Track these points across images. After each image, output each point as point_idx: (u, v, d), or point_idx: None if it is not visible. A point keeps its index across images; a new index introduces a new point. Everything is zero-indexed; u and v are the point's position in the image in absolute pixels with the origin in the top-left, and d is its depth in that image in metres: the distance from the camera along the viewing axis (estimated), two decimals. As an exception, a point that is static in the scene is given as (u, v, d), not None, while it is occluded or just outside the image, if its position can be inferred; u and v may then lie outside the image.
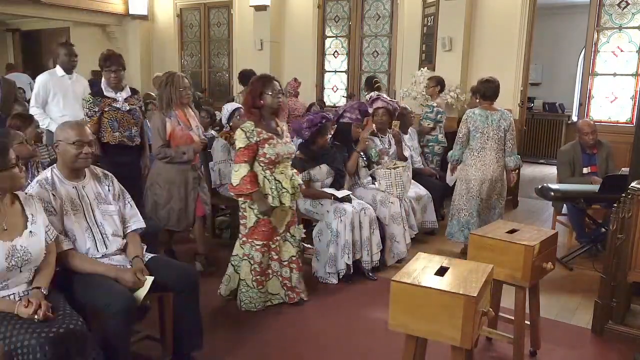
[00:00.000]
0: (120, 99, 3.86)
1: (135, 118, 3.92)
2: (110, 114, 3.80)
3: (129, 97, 3.92)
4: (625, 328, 3.04)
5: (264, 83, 3.20)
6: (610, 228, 3.01)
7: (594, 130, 4.49)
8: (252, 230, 3.25)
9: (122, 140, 3.86)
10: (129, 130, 3.88)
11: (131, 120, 3.90)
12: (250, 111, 3.23)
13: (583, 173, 4.53)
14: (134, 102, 3.96)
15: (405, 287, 1.97)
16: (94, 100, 3.78)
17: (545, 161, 9.38)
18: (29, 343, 1.86)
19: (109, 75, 3.78)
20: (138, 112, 3.97)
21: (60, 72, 4.56)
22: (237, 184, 3.15)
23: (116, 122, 3.82)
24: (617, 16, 5.84)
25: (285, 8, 7.93)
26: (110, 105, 3.81)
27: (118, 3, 9.14)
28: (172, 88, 3.60)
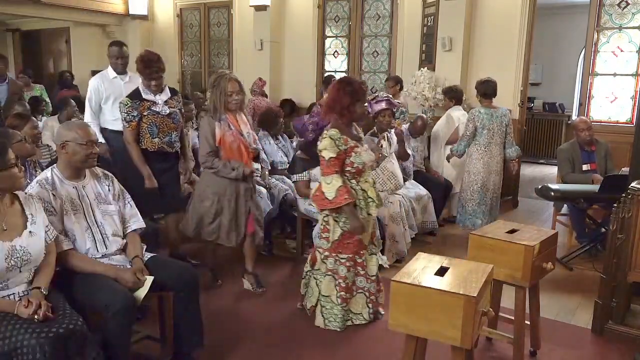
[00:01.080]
0: (160, 102, 3.56)
1: (175, 122, 3.63)
2: (150, 119, 3.51)
3: (168, 100, 3.63)
4: (625, 328, 3.04)
5: (357, 92, 2.94)
6: (610, 228, 3.01)
7: (589, 126, 4.54)
8: (336, 244, 3.03)
9: (161, 147, 3.58)
10: (169, 136, 3.60)
11: (171, 125, 3.60)
12: (336, 118, 2.98)
13: (583, 170, 4.54)
14: (174, 104, 3.66)
15: (405, 287, 1.97)
16: (132, 103, 3.49)
17: (545, 161, 9.38)
18: (28, 343, 1.86)
19: (149, 82, 3.51)
20: (178, 115, 3.68)
21: (112, 73, 4.26)
22: (333, 196, 2.87)
23: (155, 127, 3.52)
24: (617, 16, 5.84)
25: (285, 8, 7.92)
26: (149, 108, 3.52)
27: (118, 3, 9.14)
28: (217, 92, 3.31)
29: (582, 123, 4.60)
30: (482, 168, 4.54)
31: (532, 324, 2.79)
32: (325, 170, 2.94)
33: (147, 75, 3.49)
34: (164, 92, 3.61)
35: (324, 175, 2.95)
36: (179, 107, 3.70)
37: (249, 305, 3.39)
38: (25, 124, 3.39)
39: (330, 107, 2.99)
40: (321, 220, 3.10)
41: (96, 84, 4.19)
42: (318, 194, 3.01)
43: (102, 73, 4.31)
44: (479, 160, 4.55)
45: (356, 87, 2.95)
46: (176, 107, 3.66)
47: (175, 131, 3.64)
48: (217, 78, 3.34)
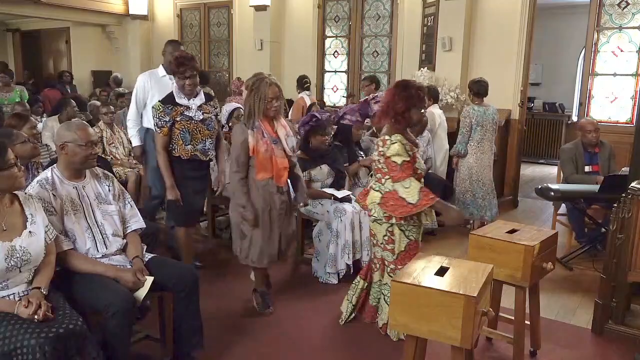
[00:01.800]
0: (194, 107, 3.35)
1: (209, 128, 3.42)
2: (182, 124, 3.31)
3: (202, 105, 3.40)
4: (625, 328, 3.04)
5: (412, 98, 2.78)
6: (610, 228, 3.01)
7: (596, 128, 4.51)
8: (402, 256, 2.85)
9: (194, 154, 3.37)
10: (203, 143, 3.38)
11: (205, 131, 3.39)
12: (396, 122, 2.81)
13: (585, 172, 4.53)
14: (209, 109, 3.44)
15: (405, 287, 1.97)
16: (164, 108, 3.28)
17: (545, 161, 9.38)
18: (28, 343, 1.86)
19: (182, 82, 3.27)
20: (213, 121, 3.47)
21: (162, 72, 4.05)
22: (417, 199, 2.69)
23: (188, 134, 3.32)
24: (617, 16, 5.84)
25: (285, 8, 7.92)
26: (182, 114, 3.31)
27: (118, 3, 9.14)
28: (256, 97, 2.97)
29: (589, 124, 4.56)
30: (475, 163, 4.83)
31: (532, 324, 2.79)
32: (399, 175, 2.74)
33: (180, 74, 3.26)
34: (198, 97, 3.40)
35: (399, 180, 2.74)
36: (214, 112, 3.49)
37: (249, 305, 3.39)
38: (24, 125, 3.38)
39: (384, 112, 2.85)
40: (384, 231, 2.86)
41: (143, 82, 4.05)
42: (393, 202, 2.76)
43: (151, 71, 4.18)
44: (472, 155, 4.84)
45: (412, 93, 2.79)
46: (211, 113, 3.45)
47: (209, 138, 3.43)
48: (255, 82, 2.99)
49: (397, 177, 2.75)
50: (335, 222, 3.72)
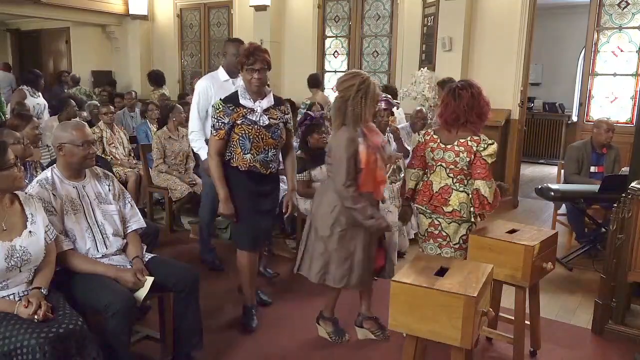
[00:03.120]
0: (259, 110, 2.84)
1: (274, 137, 2.89)
2: (243, 129, 2.81)
3: (270, 108, 2.90)
4: (625, 328, 3.04)
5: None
6: (610, 228, 3.01)
7: (612, 128, 4.52)
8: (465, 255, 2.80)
9: (253, 165, 2.86)
10: (264, 153, 2.87)
11: (269, 140, 2.86)
12: (480, 122, 2.73)
13: (590, 172, 4.53)
14: (277, 115, 2.92)
15: (405, 287, 1.97)
16: (224, 107, 2.80)
17: (545, 161, 9.38)
18: (28, 343, 1.87)
19: (250, 75, 2.78)
20: (280, 129, 2.93)
21: (224, 75, 3.60)
22: (492, 199, 2.66)
23: (248, 141, 2.81)
24: (617, 16, 5.84)
25: (285, 8, 7.92)
26: (244, 116, 2.81)
27: (118, 3, 9.14)
28: (366, 98, 2.61)
29: (605, 124, 4.56)
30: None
31: (532, 324, 2.79)
32: (486, 174, 2.65)
33: (249, 66, 2.75)
34: (266, 99, 2.88)
35: (487, 180, 2.65)
36: (283, 119, 2.96)
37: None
38: (26, 125, 3.38)
39: (466, 114, 2.69)
40: (464, 231, 2.73)
41: (205, 86, 3.55)
42: (479, 202, 2.67)
43: (212, 74, 3.69)
44: None
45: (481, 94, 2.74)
46: (279, 120, 2.93)
47: (273, 148, 2.89)
48: (364, 81, 2.62)
49: (484, 175, 2.65)
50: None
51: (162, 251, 3.90)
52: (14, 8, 8.32)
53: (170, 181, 4.71)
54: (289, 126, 3.02)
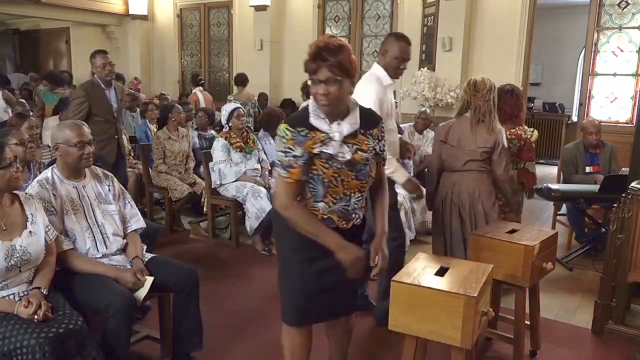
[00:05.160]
0: (337, 137, 1.89)
1: (361, 177, 1.97)
2: (317, 166, 1.91)
3: (359, 133, 1.95)
4: (625, 328, 3.04)
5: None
6: (610, 228, 3.01)
7: (598, 130, 4.51)
8: None
9: (328, 218, 1.98)
10: (345, 200, 1.97)
11: (352, 182, 1.95)
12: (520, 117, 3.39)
13: (585, 172, 4.54)
14: (368, 143, 1.97)
15: (405, 287, 1.97)
16: (294, 133, 1.89)
17: (545, 161, 9.37)
18: (28, 343, 1.86)
19: (314, 89, 1.89)
20: (371, 164, 1.99)
21: (387, 79, 2.90)
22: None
23: (322, 185, 1.94)
24: (617, 16, 5.85)
25: (285, 8, 7.93)
26: (322, 142, 1.89)
27: (118, 3, 9.15)
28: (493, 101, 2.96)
29: (591, 126, 4.55)
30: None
31: (532, 324, 2.79)
32: (531, 155, 3.43)
33: (312, 75, 1.90)
34: (347, 120, 1.92)
35: (530, 160, 3.43)
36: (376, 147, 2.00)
37: (248, 305, 3.39)
38: (22, 124, 3.38)
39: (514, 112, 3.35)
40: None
41: (377, 92, 2.81)
42: (526, 176, 3.41)
43: (377, 77, 2.90)
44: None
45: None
46: (370, 151, 1.97)
47: (359, 192, 1.99)
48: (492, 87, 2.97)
49: (530, 157, 3.39)
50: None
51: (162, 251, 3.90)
52: (14, 8, 8.33)
53: (170, 181, 4.71)
54: (383, 155, 2.06)
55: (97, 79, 4.17)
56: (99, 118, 4.13)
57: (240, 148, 4.41)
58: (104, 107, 4.17)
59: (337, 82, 1.84)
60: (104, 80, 4.17)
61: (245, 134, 4.50)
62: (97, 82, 4.18)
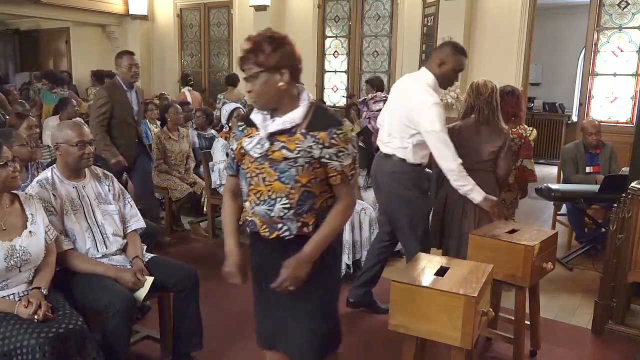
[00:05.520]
0: (262, 133, 1.76)
1: (285, 180, 1.76)
2: (248, 160, 1.83)
3: (295, 131, 1.75)
4: (625, 328, 3.04)
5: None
6: (610, 228, 3.01)
7: (598, 130, 4.49)
8: None
9: (251, 222, 1.85)
10: (267, 203, 1.79)
11: (275, 184, 1.77)
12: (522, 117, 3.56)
13: (585, 172, 4.53)
14: (301, 144, 1.74)
15: (405, 287, 1.97)
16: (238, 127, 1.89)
17: (545, 161, 9.37)
18: (28, 343, 1.87)
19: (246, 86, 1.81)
20: (301, 169, 1.74)
21: (437, 89, 2.90)
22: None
23: (245, 181, 1.86)
24: (617, 16, 5.85)
25: (285, 8, 7.93)
26: (251, 137, 1.80)
27: (118, 3, 9.14)
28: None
29: (591, 126, 4.53)
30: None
31: (532, 324, 2.79)
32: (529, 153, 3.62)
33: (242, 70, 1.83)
34: (284, 118, 1.77)
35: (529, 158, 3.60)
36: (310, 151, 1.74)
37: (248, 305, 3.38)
38: (21, 123, 3.37)
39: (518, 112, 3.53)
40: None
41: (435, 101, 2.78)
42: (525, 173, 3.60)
43: (433, 88, 2.84)
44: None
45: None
46: (300, 152, 1.74)
47: (286, 198, 1.77)
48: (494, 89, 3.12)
49: (528, 154, 3.55)
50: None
51: (162, 251, 3.90)
52: (14, 8, 8.32)
53: (170, 181, 4.71)
54: (335, 166, 1.75)
55: (120, 81, 4.06)
56: (118, 121, 4.02)
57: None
58: (125, 109, 4.05)
59: (258, 78, 1.73)
60: (127, 82, 4.05)
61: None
62: (119, 83, 4.05)
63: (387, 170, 2.95)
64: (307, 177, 1.75)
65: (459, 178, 2.76)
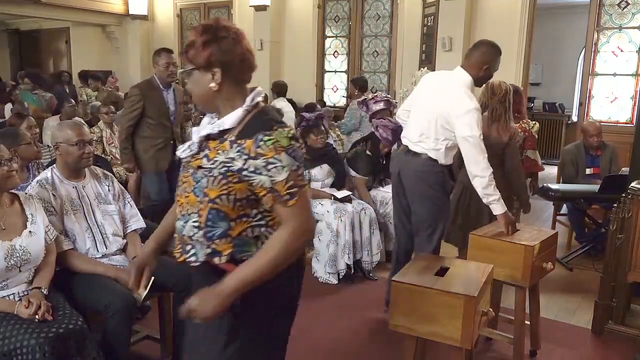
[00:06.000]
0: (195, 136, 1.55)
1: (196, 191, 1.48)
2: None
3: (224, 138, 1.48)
4: (625, 328, 3.04)
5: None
6: (610, 228, 3.01)
7: (599, 132, 4.43)
8: None
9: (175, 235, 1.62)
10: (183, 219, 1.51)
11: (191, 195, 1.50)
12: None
13: (586, 174, 4.51)
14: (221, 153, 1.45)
15: (405, 287, 1.97)
16: None
17: (545, 161, 9.32)
18: (28, 343, 1.86)
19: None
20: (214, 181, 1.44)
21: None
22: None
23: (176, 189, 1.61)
24: (617, 16, 5.85)
25: (285, 8, 7.93)
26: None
27: (118, 3, 9.15)
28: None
29: (592, 128, 4.47)
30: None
31: (532, 324, 2.79)
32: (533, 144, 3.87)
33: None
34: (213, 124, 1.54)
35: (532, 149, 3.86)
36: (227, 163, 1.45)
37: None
38: (21, 123, 3.37)
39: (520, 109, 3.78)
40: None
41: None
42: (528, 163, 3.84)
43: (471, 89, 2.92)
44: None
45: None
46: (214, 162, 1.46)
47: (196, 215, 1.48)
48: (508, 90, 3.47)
49: (532, 145, 3.77)
50: (335, 222, 3.72)
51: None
52: (14, 8, 8.32)
53: (170, 181, 4.69)
54: (263, 181, 1.40)
55: (156, 79, 3.89)
56: (153, 121, 3.85)
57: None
58: (159, 109, 3.86)
59: (191, 75, 1.50)
60: (164, 82, 3.88)
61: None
62: (155, 82, 3.89)
63: (414, 168, 2.92)
64: (216, 191, 1.42)
65: (488, 187, 2.72)
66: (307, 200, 1.48)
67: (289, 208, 1.41)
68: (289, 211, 1.42)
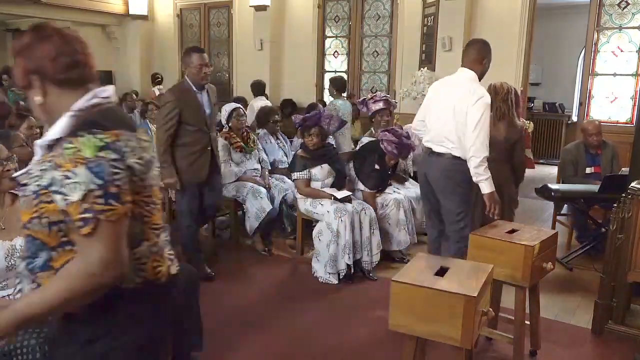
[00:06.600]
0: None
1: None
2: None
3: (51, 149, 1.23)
4: (625, 328, 3.04)
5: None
6: (610, 228, 3.01)
7: (599, 131, 4.44)
8: None
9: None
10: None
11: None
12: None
13: (586, 173, 4.51)
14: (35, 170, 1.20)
15: (405, 287, 1.97)
16: None
17: (545, 161, 9.37)
18: (28, 343, 1.87)
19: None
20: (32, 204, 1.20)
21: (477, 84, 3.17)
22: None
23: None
24: (617, 16, 5.85)
25: (285, 8, 7.93)
26: None
27: (118, 3, 9.15)
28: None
29: (592, 127, 4.48)
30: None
31: (532, 324, 2.79)
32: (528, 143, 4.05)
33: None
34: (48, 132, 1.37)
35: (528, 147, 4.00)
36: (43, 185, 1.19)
37: (248, 305, 3.39)
38: (21, 124, 3.37)
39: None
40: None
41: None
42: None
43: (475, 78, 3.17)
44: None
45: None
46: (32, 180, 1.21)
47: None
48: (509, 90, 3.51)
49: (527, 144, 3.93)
50: (336, 222, 3.72)
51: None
52: (14, 8, 8.33)
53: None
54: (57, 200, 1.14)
55: (189, 81, 3.50)
56: (191, 127, 3.48)
57: (240, 148, 4.41)
58: (196, 113, 3.50)
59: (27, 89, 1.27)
60: (198, 84, 3.50)
61: (245, 134, 4.50)
62: (188, 85, 3.51)
63: (439, 167, 3.11)
64: (28, 213, 1.19)
65: (481, 165, 2.94)
66: (112, 233, 1.14)
67: (84, 238, 1.13)
68: (83, 241, 1.14)
